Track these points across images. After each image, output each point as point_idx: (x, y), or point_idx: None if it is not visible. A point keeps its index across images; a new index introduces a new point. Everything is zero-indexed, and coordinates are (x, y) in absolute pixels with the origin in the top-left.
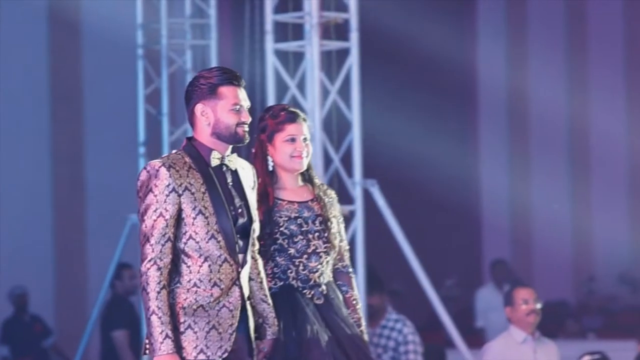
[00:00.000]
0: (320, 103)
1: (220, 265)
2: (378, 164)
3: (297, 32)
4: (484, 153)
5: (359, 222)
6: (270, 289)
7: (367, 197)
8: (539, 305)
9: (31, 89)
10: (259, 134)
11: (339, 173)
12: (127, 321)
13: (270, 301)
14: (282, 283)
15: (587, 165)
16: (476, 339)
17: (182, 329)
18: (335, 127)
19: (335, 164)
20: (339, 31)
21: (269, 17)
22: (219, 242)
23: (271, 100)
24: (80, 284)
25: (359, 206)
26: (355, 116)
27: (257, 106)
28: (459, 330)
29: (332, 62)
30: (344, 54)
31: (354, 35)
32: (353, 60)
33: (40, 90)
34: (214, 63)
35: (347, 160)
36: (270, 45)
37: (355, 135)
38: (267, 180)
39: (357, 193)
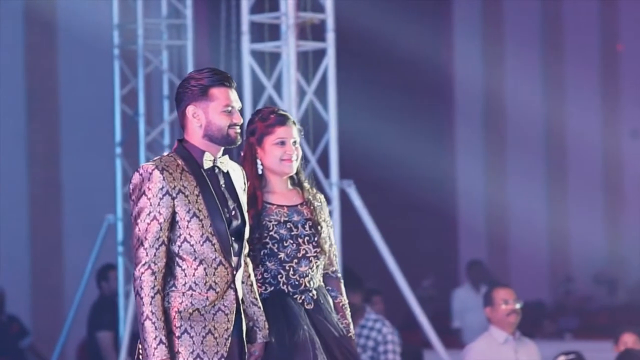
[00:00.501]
0: (297, 103)
1: (216, 269)
2: (354, 164)
3: (273, 32)
4: (460, 153)
5: (335, 223)
6: (260, 294)
7: (344, 197)
8: (518, 305)
9: (7, 90)
10: (248, 137)
11: (316, 174)
12: (112, 322)
13: (260, 304)
14: (272, 288)
15: (563, 165)
16: (453, 339)
17: (178, 334)
18: (311, 128)
19: (312, 164)
20: (315, 32)
21: (245, 18)
22: (213, 244)
23: (247, 101)
24: (57, 284)
25: (335, 207)
26: (331, 117)
27: None
28: (436, 331)
29: (309, 62)
30: (320, 54)
31: (330, 36)
32: (329, 61)
33: (16, 91)
34: (190, 63)
35: (323, 161)
36: (246, 45)
37: (332, 136)
38: (256, 183)
39: (333, 194)
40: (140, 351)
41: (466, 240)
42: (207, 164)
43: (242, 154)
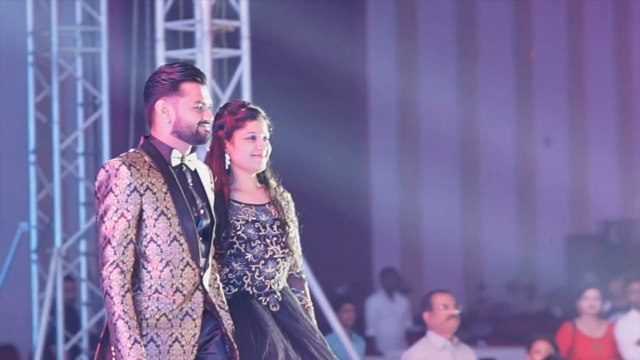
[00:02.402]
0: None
1: (183, 270)
2: None
3: (188, 39)
4: (374, 160)
5: None
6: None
7: None
8: (458, 311)
9: None
10: (216, 131)
11: None
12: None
13: (227, 308)
14: (236, 290)
15: (476, 173)
16: (367, 347)
17: (144, 342)
18: None
19: None
20: (230, 39)
21: (160, 25)
22: (181, 244)
23: None
24: None
25: None
26: None
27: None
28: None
29: (223, 69)
30: (235, 61)
31: (245, 43)
32: (244, 68)
33: None
34: (104, 70)
35: None
36: (161, 52)
37: None
38: (224, 179)
39: None
40: (114, 352)
41: (380, 248)
42: (175, 161)
43: (208, 149)
